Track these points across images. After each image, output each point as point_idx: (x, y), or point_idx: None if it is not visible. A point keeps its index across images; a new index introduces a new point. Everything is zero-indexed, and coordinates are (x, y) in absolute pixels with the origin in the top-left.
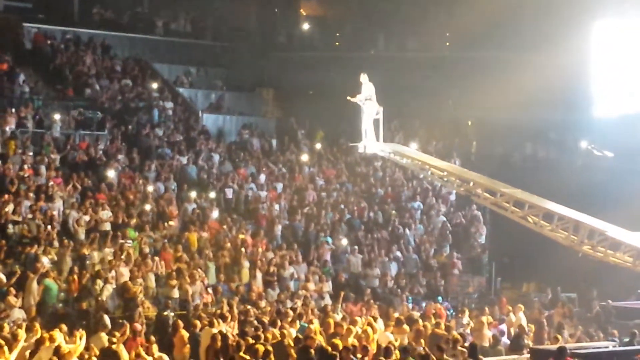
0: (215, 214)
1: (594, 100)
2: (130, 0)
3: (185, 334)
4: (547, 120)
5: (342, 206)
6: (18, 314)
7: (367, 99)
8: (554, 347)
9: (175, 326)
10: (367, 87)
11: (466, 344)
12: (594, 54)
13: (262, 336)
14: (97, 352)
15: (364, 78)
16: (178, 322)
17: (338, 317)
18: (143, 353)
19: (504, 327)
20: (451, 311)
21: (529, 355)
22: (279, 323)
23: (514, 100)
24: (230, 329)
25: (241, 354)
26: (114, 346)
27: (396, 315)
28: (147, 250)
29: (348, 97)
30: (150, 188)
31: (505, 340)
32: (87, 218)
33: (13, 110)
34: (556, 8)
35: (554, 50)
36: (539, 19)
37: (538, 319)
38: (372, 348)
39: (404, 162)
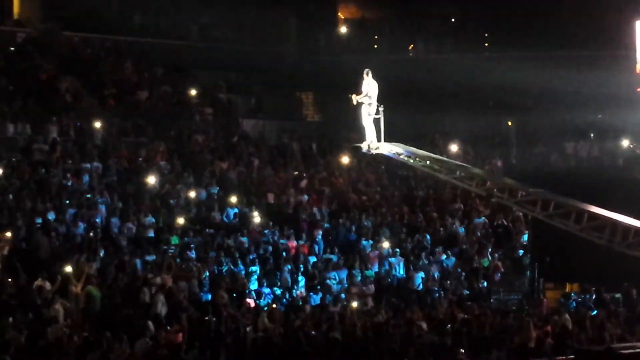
0: (256, 218)
1: (637, 99)
2: (169, 6)
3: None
4: (588, 118)
5: (384, 209)
6: (63, 320)
7: (367, 96)
8: (600, 348)
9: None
10: (369, 85)
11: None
12: (638, 51)
13: (305, 340)
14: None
15: (366, 75)
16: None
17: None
18: None
19: (548, 327)
20: None
21: (573, 357)
22: (323, 327)
23: (554, 99)
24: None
25: None
26: (159, 351)
27: (440, 317)
28: (190, 255)
29: (352, 95)
30: (192, 194)
31: (550, 341)
32: (129, 225)
33: (55, 118)
34: (597, 5)
35: (596, 48)
36: (580, 17)
37: (581, 320)
38: None
39: (412, 162)
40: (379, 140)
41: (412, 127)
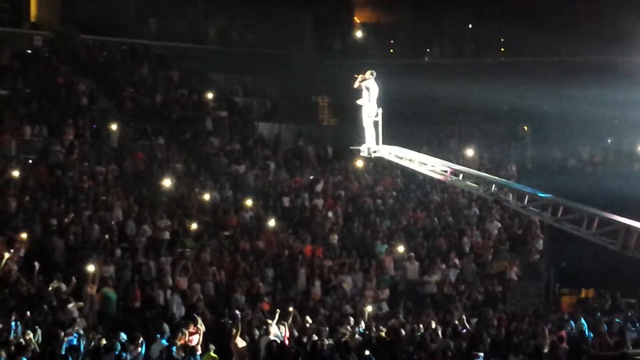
0: (272, 222)
1: None
2: (186, 10)
3: (242, 342)
4: (604, 124)
5: (399, 213)
6: (78, 323)
7: (367, 90)
8: (616, 353)
9: (229, 334)
10: (372, 86)
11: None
12: None
13: (320, 344)
14: None
15: (370, 76)
16: (233, 329)
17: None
18: None
19: (563, 333)
20: None
21: None
22: (340, 330)
23: (569, 105)
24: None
25: None
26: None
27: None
28: (206, 258)
29: (358, 76)
30: (207, 197)
31: (564, 346)
32: (145, 227)
33: (71, 121)
34: (614, 11)
35: (612, 53)
36: (597, 22)
37: (597, 325)
38: None
39: (412, 165)
40: (377, 143)
41: (426, 132)
